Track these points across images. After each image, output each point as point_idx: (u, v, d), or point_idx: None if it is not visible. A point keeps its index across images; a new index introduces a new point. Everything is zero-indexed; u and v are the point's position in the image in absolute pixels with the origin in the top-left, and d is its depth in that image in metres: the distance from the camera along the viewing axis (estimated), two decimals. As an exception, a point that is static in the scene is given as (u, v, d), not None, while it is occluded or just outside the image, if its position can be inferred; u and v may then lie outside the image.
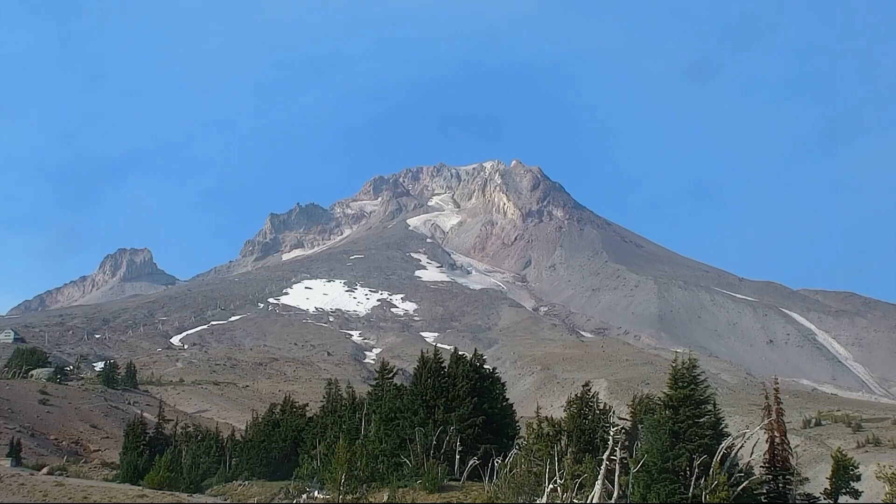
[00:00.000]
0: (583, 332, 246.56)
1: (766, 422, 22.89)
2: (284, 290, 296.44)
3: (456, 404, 27.18)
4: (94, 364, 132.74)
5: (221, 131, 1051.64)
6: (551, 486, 20.68)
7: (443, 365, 29.46)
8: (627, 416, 25.82)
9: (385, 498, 21.50)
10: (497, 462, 23.04)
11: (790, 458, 22.52)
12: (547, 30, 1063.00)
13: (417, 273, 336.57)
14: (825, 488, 26.00)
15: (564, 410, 26.05)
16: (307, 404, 49.25)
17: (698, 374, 21.46)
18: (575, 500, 20.21)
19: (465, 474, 23.58)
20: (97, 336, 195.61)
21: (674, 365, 21.95)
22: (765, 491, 21.62)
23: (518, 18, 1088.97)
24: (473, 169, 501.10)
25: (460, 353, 31.23)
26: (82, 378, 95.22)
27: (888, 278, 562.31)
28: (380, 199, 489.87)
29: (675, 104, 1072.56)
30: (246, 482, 35.60)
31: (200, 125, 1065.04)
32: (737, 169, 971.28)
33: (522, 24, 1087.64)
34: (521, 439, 27.38)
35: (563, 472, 20.73)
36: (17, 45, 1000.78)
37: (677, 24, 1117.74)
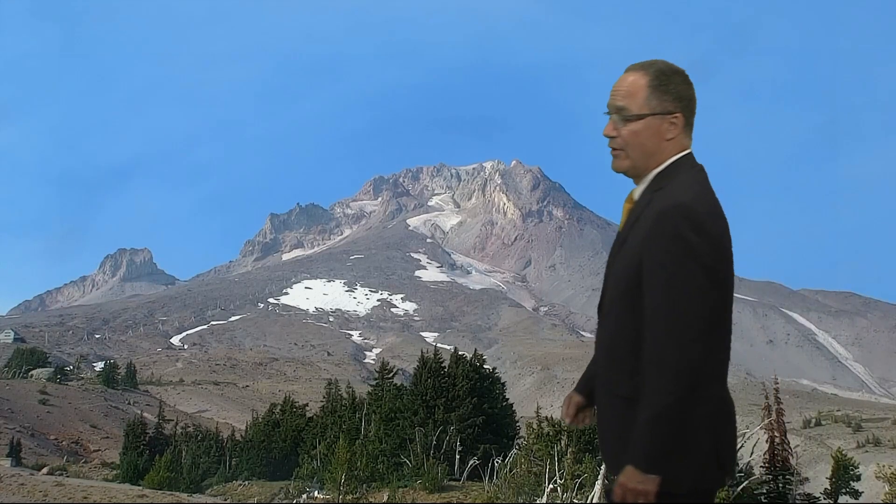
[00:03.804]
0: (583, 332, 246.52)
1: (766, 422, 22.88)
2: (284, 290, 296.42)
3: (456, 404, 27.15)
4: (94, 364, 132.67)
5: (223, 134, 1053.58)
6: (551, 486, 20.67)
7: (443, 365, 29.41)
8: (627, 416, 25.74)
9: (385, 498, 21.49)
10: (497, 462, 23.04)
11: (790, 458, 22.51)
12: (548, 33, 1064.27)
13: (417, 273, 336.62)
14: (825, 488, 26.00)
15: (564, 410, 25.96)
16: (307, 404, 49.15)
17: (698, 374, 21.40)
18: (575, 501, 20.21)
19: (465, 474, 23.57)
20: (97, 336, 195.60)
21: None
22: (765, 491, 21.61)
23: (520, 22, 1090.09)
24: (473, 169, 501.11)
25: (460, 353, 31.20)
26: (82, 378, 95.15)
27: (888, 278, 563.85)
28: (380, 199, 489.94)
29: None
30: (246, 482, 35.58)
31: (203, 129, 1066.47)
32: (737, 171, 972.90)
33: (524, 27, 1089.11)
34: (521, 439, 27.38)
35: (563, 472, 20.73)
36: (20, 49, 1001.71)
37: (678, 28, 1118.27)
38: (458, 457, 24.42)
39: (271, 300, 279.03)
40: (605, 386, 2.16)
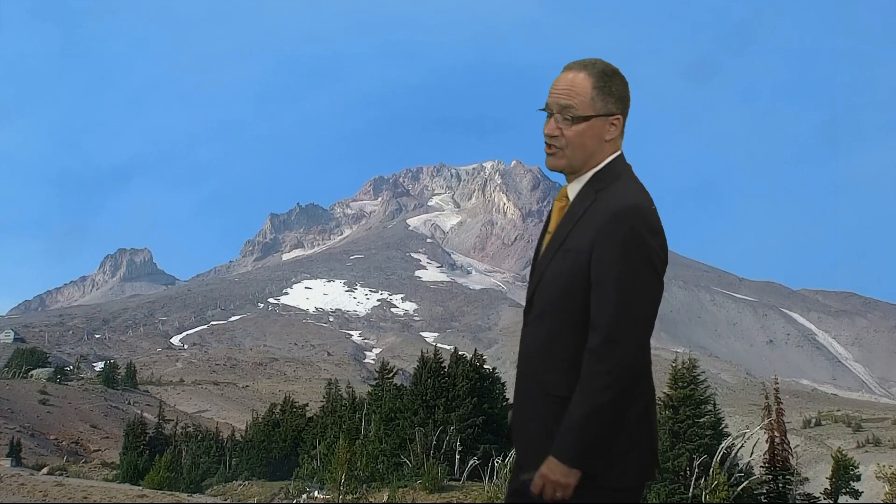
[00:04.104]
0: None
1: (766, 422, 22.89)
2: (284, 290, 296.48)
3: (456, 404, 27.14)
4: (94, 364, 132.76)
5: (223, 134, 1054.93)
6: (551, 486, 20.61)
7: (443, 365, 29.41)
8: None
9: (385, 498, 21.48)
10: (497, 462, 23.03)
11: (790, 458, 22.52)
12: (548, 33, 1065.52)
13: (417, 273, 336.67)
14: (825, 488, 26.03)
15: (564, 410, 25.90)
16: (307, 404, 49.15)
17: (698, 374, 21.44)
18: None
19: (465, 474, 23.56)
20: (97, 336, 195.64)
21: (674, 365, 21.93)
22: (765, 491, 21.61)
23: (520, 22, 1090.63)
24: (473, 169, 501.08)
25: (460, 353, 31.20)
26: (82, 378, 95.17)
27: (888, 278, 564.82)
28: (380, 199, 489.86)
29: (676, 107, 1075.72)
30: (246, 482, 35.57)
31: (203, 129, 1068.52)
32: (737, 171, 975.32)
33: (524, 27, 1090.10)
34: (521, 439, 27.34)
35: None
36: (20, 49, 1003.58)
37: (678, 28, 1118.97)
38: (458, 457, 24.39)
39: (271, 300, 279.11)
40: (539, 386, 2.13)
